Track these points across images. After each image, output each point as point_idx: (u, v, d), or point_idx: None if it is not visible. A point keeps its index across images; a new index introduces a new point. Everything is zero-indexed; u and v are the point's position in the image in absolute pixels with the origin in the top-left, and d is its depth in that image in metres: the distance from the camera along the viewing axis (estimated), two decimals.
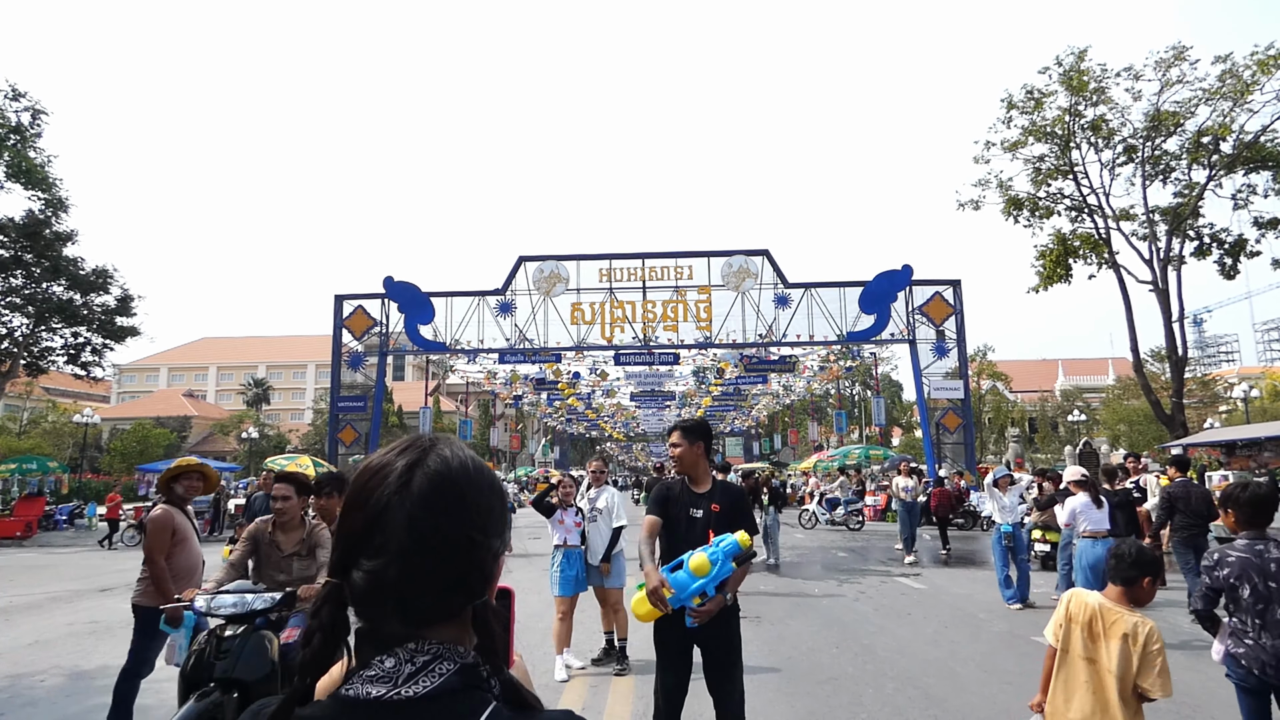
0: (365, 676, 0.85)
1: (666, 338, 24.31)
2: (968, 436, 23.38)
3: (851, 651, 7.20)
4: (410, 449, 0.95)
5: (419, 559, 0.87)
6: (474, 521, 0.92)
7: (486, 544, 0.93)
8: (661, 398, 40.98)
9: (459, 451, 0.96)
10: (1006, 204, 24.41)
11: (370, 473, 0.93)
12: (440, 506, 0.89)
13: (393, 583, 0.86)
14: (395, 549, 0.86)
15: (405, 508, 0.88)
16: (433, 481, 0.90)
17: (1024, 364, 77.93)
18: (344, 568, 0.89)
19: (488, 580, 0.94)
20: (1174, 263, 22.66)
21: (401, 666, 0.85)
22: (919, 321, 23.67)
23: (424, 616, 0.88)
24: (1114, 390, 51.78)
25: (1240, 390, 34.92)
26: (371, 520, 0.88)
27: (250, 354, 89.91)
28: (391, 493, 0.89)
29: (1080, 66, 22.16)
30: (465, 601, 0.91)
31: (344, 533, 0.91)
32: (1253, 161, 21.48)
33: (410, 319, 24.40)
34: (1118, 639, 2.99)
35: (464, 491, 0.92)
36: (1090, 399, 55.68)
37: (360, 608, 0.88)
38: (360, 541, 0.88)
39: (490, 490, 0.96)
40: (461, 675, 0.86)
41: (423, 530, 0.87)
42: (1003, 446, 45.25)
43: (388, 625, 0.88)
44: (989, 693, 5.90)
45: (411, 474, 0.90)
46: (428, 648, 0.87)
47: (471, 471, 0.95)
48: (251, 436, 47.97)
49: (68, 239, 24.92)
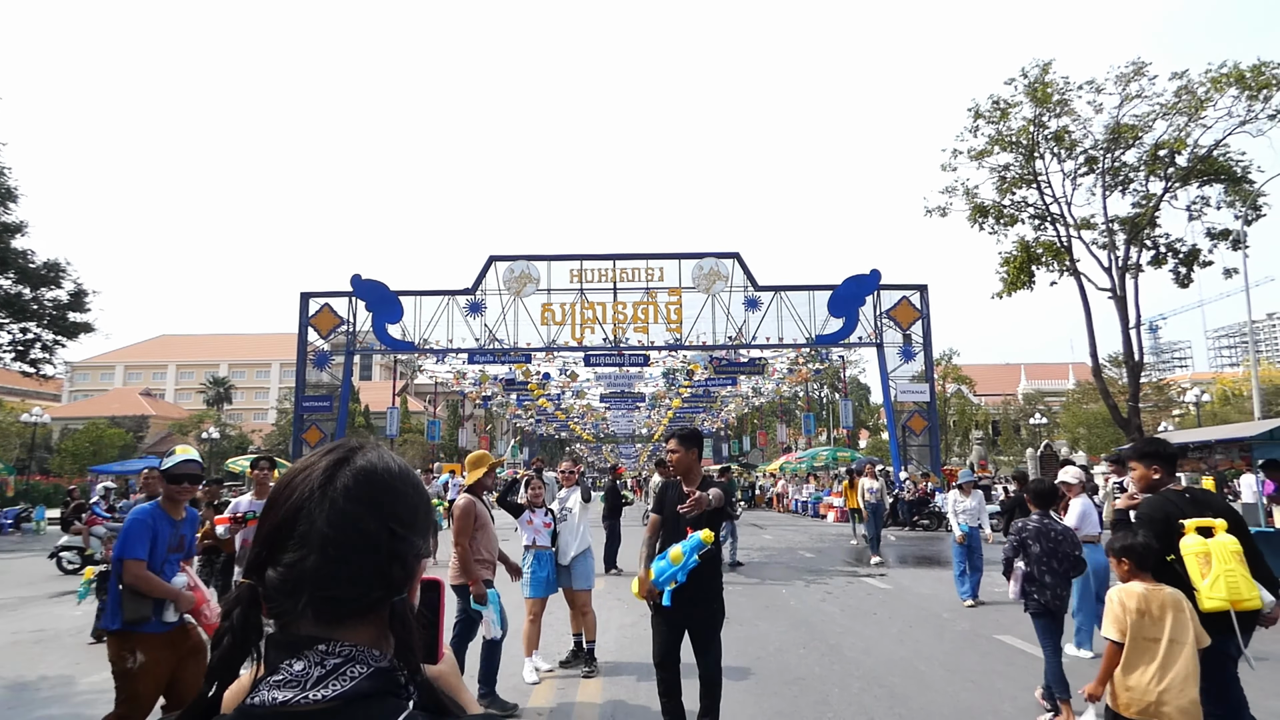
0: (272, 682, 0.82)
1: (637, 339, 24.33)
2: (933, 439, 23.76)
3: (819, 652, 7.27)
4: (336, 449, 0.95)
5: (339, 549, 0.86)
6: (397, 515, 0.92)
7: (409, 539, 0.92)
8: (631, 399, 40.97)
9: (385, 454, 0.97)
10: (972, 211, 24.85)
11: (294, 472, 0.93)
12: (364, 499, 0.89)
13: (311, 574, 0.85)
14: (315, 540, 0.86)
15: (329, 497, 0.88)
16: (357, 476, 0.91)
17: (988, 368, 79.32)
18: (260, 567, 0.88)
19: (409, 575, 0.93)
20: (1131, 271, 23.27)
21: (311, 669, 0.82)
22: (886, 325, 24.01)
23: (341, 611, 0.87)
24: (1074, 394, 53.03)
25: (1192, 395, 35.98)
26: (293, 514, 0.88)
27: (211, 352, 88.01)
28: (315, 488, 0.89)
29: (1044, 79, 22.65)
30: (385, 595, 0.89)
31: (264, 531, 0.90)
32: (1206, 175, 22.17)
33: (378, 318, 24.11)
34: (1172, 611, 3.49)
35: (388, 486, 0.93)
36: (1051, 403, 56.89)
37: (275, 605, 0.86)
38: (280, 537, 0.87)
39: (415, 489, 0.97)
40: (374, 679, 0.84)
41: (345, 520, 0.87)
42: (967, 449, 46.06)
43: (301, 624, 0.86)
44: (952, 690, 6.00)
45: (336, 469, 0.91)
46: (340, 650, 0.84)
47: (396, 470, 0.96)
48: (212, 437, 46.96)
49: (16, 230, 24.09)
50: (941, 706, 5.62)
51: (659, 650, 4.61)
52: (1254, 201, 21.74)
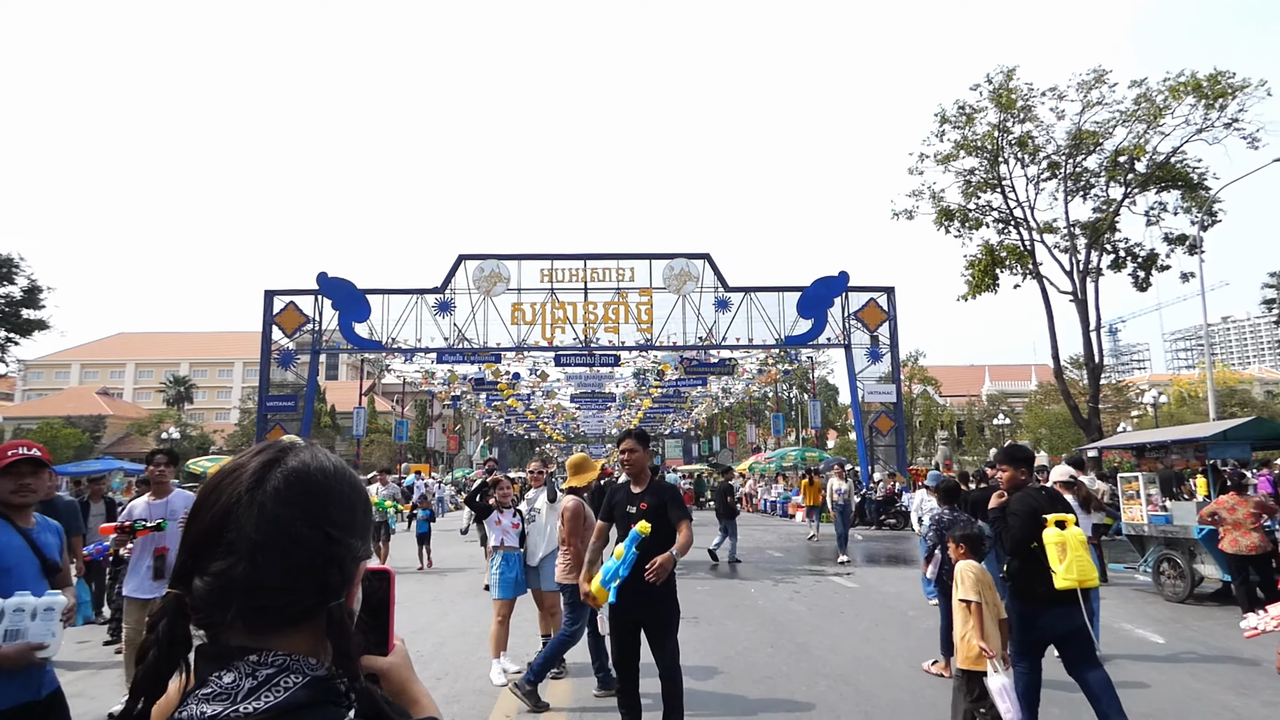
0: (201, 695, 0.78)
1: (607, 339, 24.29)
2: (899, 439, 24.06)
3: (787, 650, 7.31)
4: (266, 449, 0.91)
5: (270, 555, 0.82)
6: (332, 518, 0.88)
7: (345, 542, 0.89)
8: (602, 399, 40.92)
9: (320, 453, 0.93)
10: (938, 215, 25.20)
11: (223, 474, 0.89)
12: (296, 502, 0.86)
13: (240, 582, 0.81)
14: (245, 546, 0.81)
15: (258, 501, 0.84)
16: (288, 478, 0.87)
17: (953, 369, 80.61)
18: (186, 575, 0.83)
19: (346, 580, 0.89)
20: (1092, 275, 23.78)
21: (242, 681, 0.79)
22: (854, 327, 24.25)
23: (273, 620, 0.83)
24: (1036, 395, 54.10)
25: (1150, 396, 36.92)
26: (221, 519, 0.83)
27: (171, 350, 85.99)
28: (244, 490, 0.85)
29: (1009, 85, 23.06)
30: (320, 601, 0.85)
31: (190, 536, 0.85)
32: (1164, 181, 22.74)
33: (345, 316, 23.75)
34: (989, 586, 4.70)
35: (322, 487, 0.89)
36: (1014, 403, 57.96)
37: (204, 615, 0.82)
38: (208, 543, 0.83)
39: (352, 489, 0.93)
40: (311, 689, 0.80)
41: (276, 525, 0.83)
42: (932, 449, 46.77)
43: (232, 634, 0.82)
44: (917, 688, 6.07)
45: (267, 471, 0.87)
46: (273, 660, 0.81)
47: (331, 470, 0.92)
48: (172, 437, 45.93)
49: None
50: (907, 704, 5.69)
51: (616, 652, 4.69)
52: (1209, 208, 22.34)
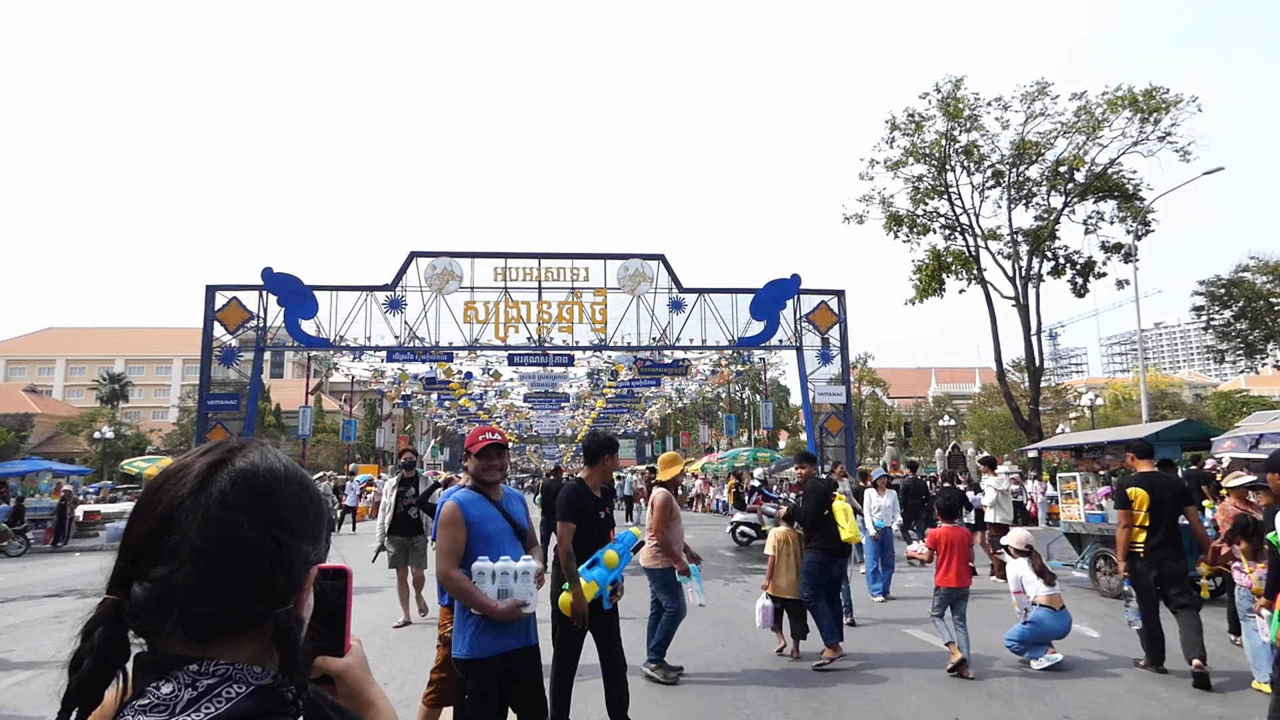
0: (138, 706, 0.75)
1: (561, 339, 24.10)
2: (849, 440, 24.37)
3: (737, 649, 7.35)
4: (213, 450, 0.87)
5: (215, 561, 0.78)
6: (281, 521, 0.84)
7: (295, 547, 0.85)
8: (555, 399, 40.68)
9: (270, 454, 0.90)
10: (888, 220, 25.73)
11: (166, 475, 0.85)
12: (243, 505, 0.82)
13: (182, 589, 0.77)
14: (188, 551, 0.78)
15: (202, 505, 0.80)
16: (235, 480, 0.83)
17: (901, 371, 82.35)
18: (125, 580, 0.79)
19: (295, 586, 0.85)
20: (1033, 281, 24.56)
21: (181, 692, 0.75)
22: (805, 329, 24.52)
23: (215, 629, 0.79)
24: (980, 398, 55.56)
25: (1088, 399, 38.29)
26: (162, 522, 0.79)
27: (106, 346, 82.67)
28: (187, 493, 0.81)
29: (956, 94, 23.67)
30: (267, 608, 0.81)
31: (130, 539, 0.81)
32: (1102, 191, 23.63)
33: (291, 313, 23.07)
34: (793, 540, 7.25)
35: (271, 489, 0.85)
36: (959, 405, 59.47)
37: (142, 623, 0.78)
38: (148, 547, 0.79)
39: (303, 490, 0.90)
40: (254, 699, 0.77)
41: (221, 529, 0.79)
42: (880, 449, 47.72)
43: (172, 643, 0.78)
44: (863, 684, 6.16)
45: (213, 473, 0.83)
46: (214, 669, 0.77)
47: (281, 471, 0.88)
48: (106, 436, 44.16)
49: None
50: (853, 700, 5.77)
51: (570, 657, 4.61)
52: (1144, 218, 23.27)
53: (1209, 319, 26.81)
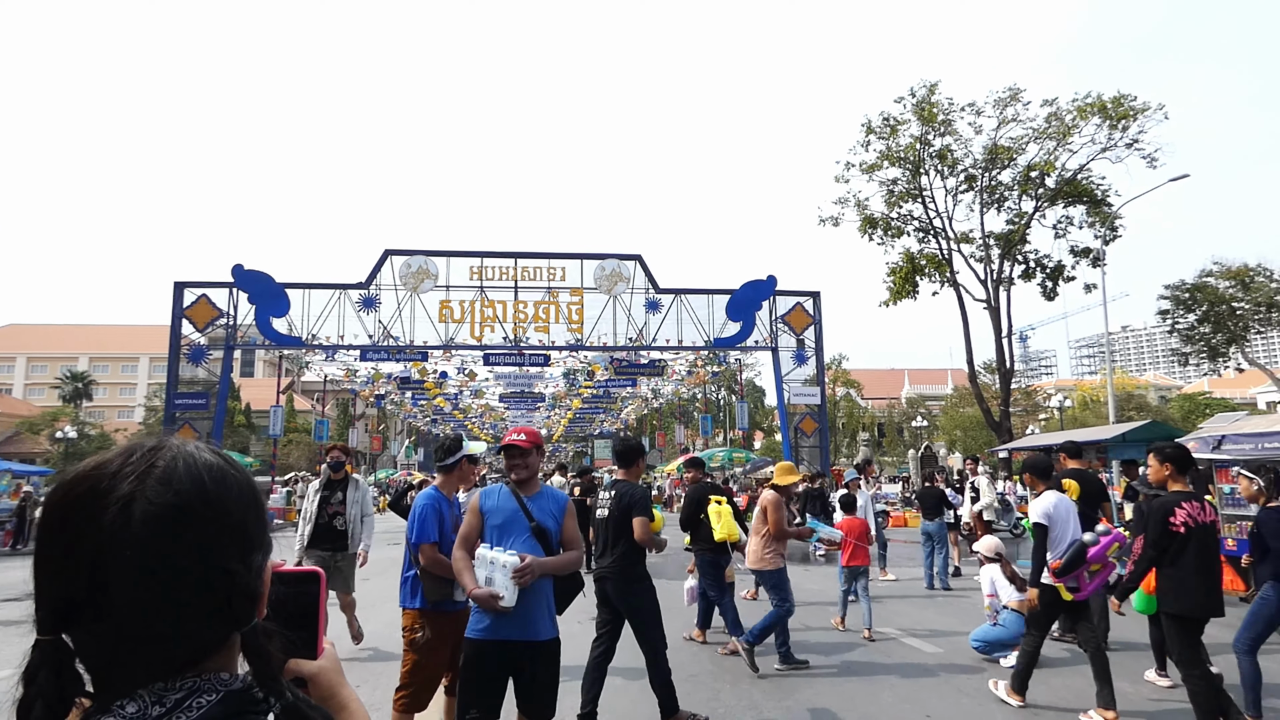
0: None
1: (538, 339, 24.03)
2: (823, 440, 24.58)
3: (710, 649, 7.36)
4: (125, 470, 0.75)
5: (159, 613, 0.72)
6: (225, 548, 0.78)
7: (246, 567, 0.79)
8: (531, 399, 40.53)
9: (189, 464, 0.78)
10: (863, 222, 25.94)
11: (71, 506, 0.73)
12: (176, 547, 0.73)
13: (130, 642, 0.72)
14: (125, 609, 0.70)
15: (128, 560, 0.70)
16: (161, 518, 0.73)
17: (874, 373, 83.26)
18: (59, 624, 0.72)
19: (254, 600, 0.81)
20: (1004, 284, 24.91)
21: (148, 709, 0.72)
22: (781, 330, 24.68)
23: (177, 662, 0.75)
24: (952, 399, 56.37)
25: (1056, 400, 38.99)
26: (84, 577, 0.70)
27: (69, 344, 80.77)
28: (108, 539, 0.71)
29: (931, 99, 23.94)
30: (229, 630, 0.78)
31: (50, 584, 0.72)
32: (1071, 196, 24.03)
33: (262, 311, 22.75)
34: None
35: (205, 516, 0.76)
36: (931, 406, 60.27)
37: (91, 664, 0.73)
38: (73, 606, 0.71)
39: (238, 500, 0.80)
40: (226, 704, 0.75)
41: (160, 580, 0.72)
42: (854, 450, 48.14)
43: (134, 675, 0.74)
44: (836, 682, 6.21)
45: (130, 510, 0.72)
46: (180, 684, 0.74)
47: (209, 487, 0.78)
48: (69, 436, 43.20)
49: None
50: (827, 697, 5.80)
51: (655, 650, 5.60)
52: (1112, 223, 23.71)
53: (1174, 323, 27.37)
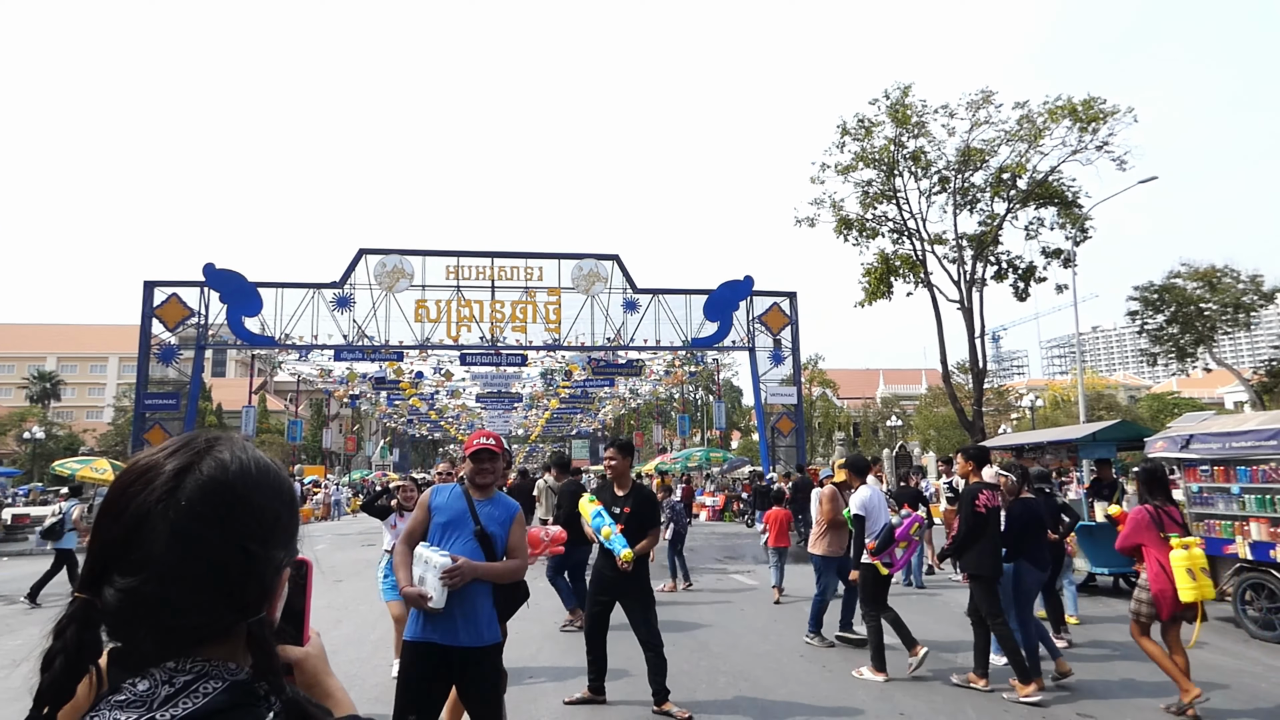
0: (114, 702, 0.75)
1: (515, 339, 23.95)
2: (799, 440, 24.76)
3: (688, 648, 7.37)
4: (183, 450, 0.84)
5: (183, 575, 0.77)
6: (252, 532, 0.83)
7: (266, 556, 0.84)
8: (508, 399, 40.37)
9: (240, 453, 0.86)
10: (838, 223, 26.10)
11: (133, 475, 0.81)
12: (211, 516, 0.80)
13: (151, 602, 0.76)
14: (155, 565, 0.76)
15: (169, 517, 0.78)
16: (204, 489, 0.80)
17: (850, 372, 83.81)
18: (95, 582, 0.78)
19: (267, 594, 0.85)
20: (977, 285, 25.19)
21: (157, 689, 0.76)
22: (758, 330, 24.81)
23: (187, 638, 0.79)
24: (926, 398, 56.91)
25: (1028, 400, 39.55)
26: (130, 531, 0.77)
27: (36, 343, 79.10)
28: (155, 500, 0.78)
29: (905, 101, 24.14)
30: (238, 618, 0.81)
31: (96, 543, 0.80)
32: (1042, 198, 24.34)
33: (234, 310, 22.43)
34: None
35: (241, 498, 0.83)
36: (906, 406, 60.79)
37: (113, 628, 0.78)
38: (116, 554, 0.77)
39: (275, 496, 0.87)
40: (231, 693, 0.78)
41: (189, 543, 0.78)
42: (830, 449, 48.47)
43: (144, 646, 0.78)
44: (812, 681, 6.24)
45: (181, 479, 0.80)
46: (190, 666, 0.78)
47: (253, 475, 0.85)
48: (36, 437, 42.28)
49: None
50: (802, 696, 5.83)
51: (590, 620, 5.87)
52: (1082, 225, 24.07)
53: (1143, 323, 27.87)
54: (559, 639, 7.92)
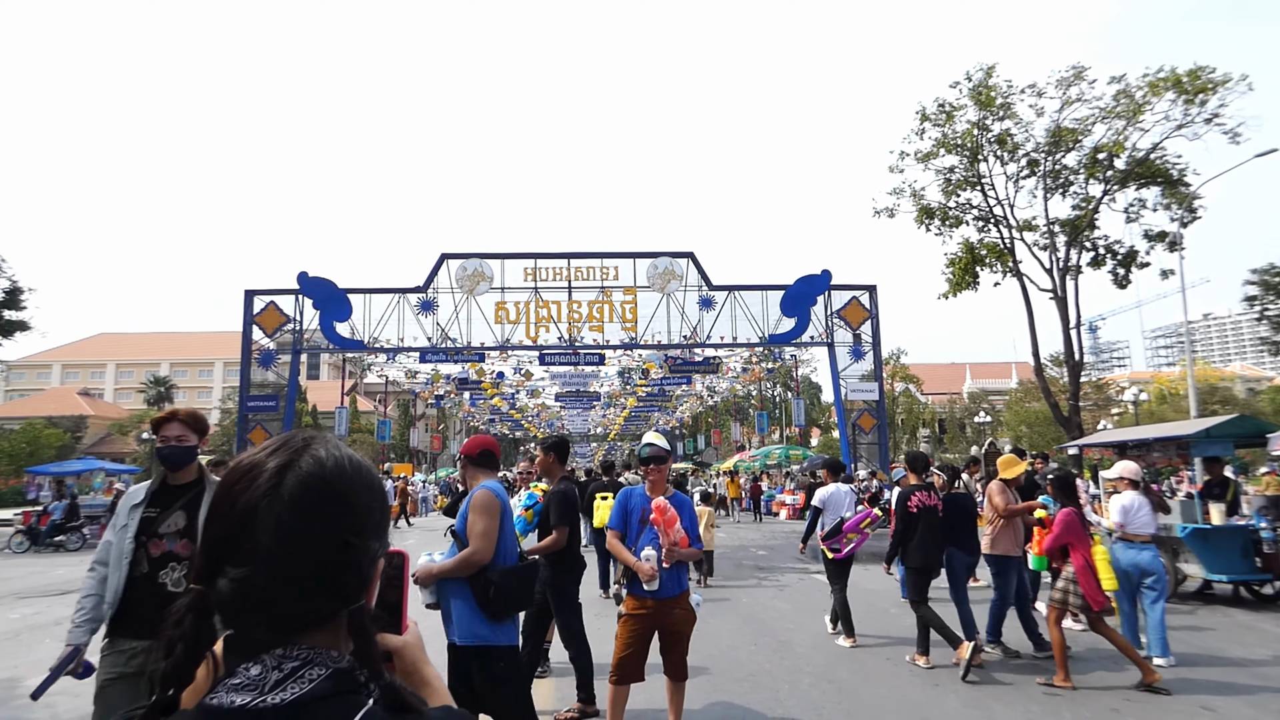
0: (230, 685, 0.81)
1: (592, 338, 24.19)
2: (882, 437, 24.11)
3: (769, 648, 7.29)
4: (282, 449, 0.90)
5: (288, 566, 0.83)
6: (349, 524, 0.88)
7: (363, 546, 0.89)
8: (587, 398, 40.80)
9: (335, 451, 0.92)
10: (919, 213, 25.29)
11: (238, 474, 0.88)
12: (312, 510, 0.85)
13: (260, 591, 0.82)
14: (263, 556, 0.82)
15: (274, 512, 0.84)
16: (304, 484, 0.86)
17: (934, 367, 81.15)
18: (208, 575, 0.84)
19: (365, 583, 0.90)
20: (1072, 272, 23.95)
21: (268, 674, 0.81)
22: (837, 325, 24.28)
23: (294, 625, 0.85)
24: (1016, 393, 54.48)
25: (1131, 394, 37.33)
26: (237, 526, 0.84)
27: (152, 350, 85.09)
28: (260, 495, 0.84)
29: (988, 82, 23.16)
30: (339, 606, 0.87)
31: (210, 537, 0.86)
32: (1144, 177, 22.88)
33: (326, 316, 23.50)
34: None
35: (339, 493, 0.89)
36: (995, 401, 58.38)
37: (226, 617, 0.84)
38: (227, 547, 0.84)
39: (368, 491, 0.93)
40: (334, 680, 0.83)
41: (292, 535, 0.83)
42: (914, 446, 47.04)
43: (256, 630, 0.84)
44: (897, 684, 6.07)
45: (282, 476, 0.86)
46: (297, 653, 0.83)
47: (348, 472, 0.91)
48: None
49: None
50: (888, 700, 5.68)
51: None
52: (1190, 204, 22.53)
53: (1263, 309, 25.80)
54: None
